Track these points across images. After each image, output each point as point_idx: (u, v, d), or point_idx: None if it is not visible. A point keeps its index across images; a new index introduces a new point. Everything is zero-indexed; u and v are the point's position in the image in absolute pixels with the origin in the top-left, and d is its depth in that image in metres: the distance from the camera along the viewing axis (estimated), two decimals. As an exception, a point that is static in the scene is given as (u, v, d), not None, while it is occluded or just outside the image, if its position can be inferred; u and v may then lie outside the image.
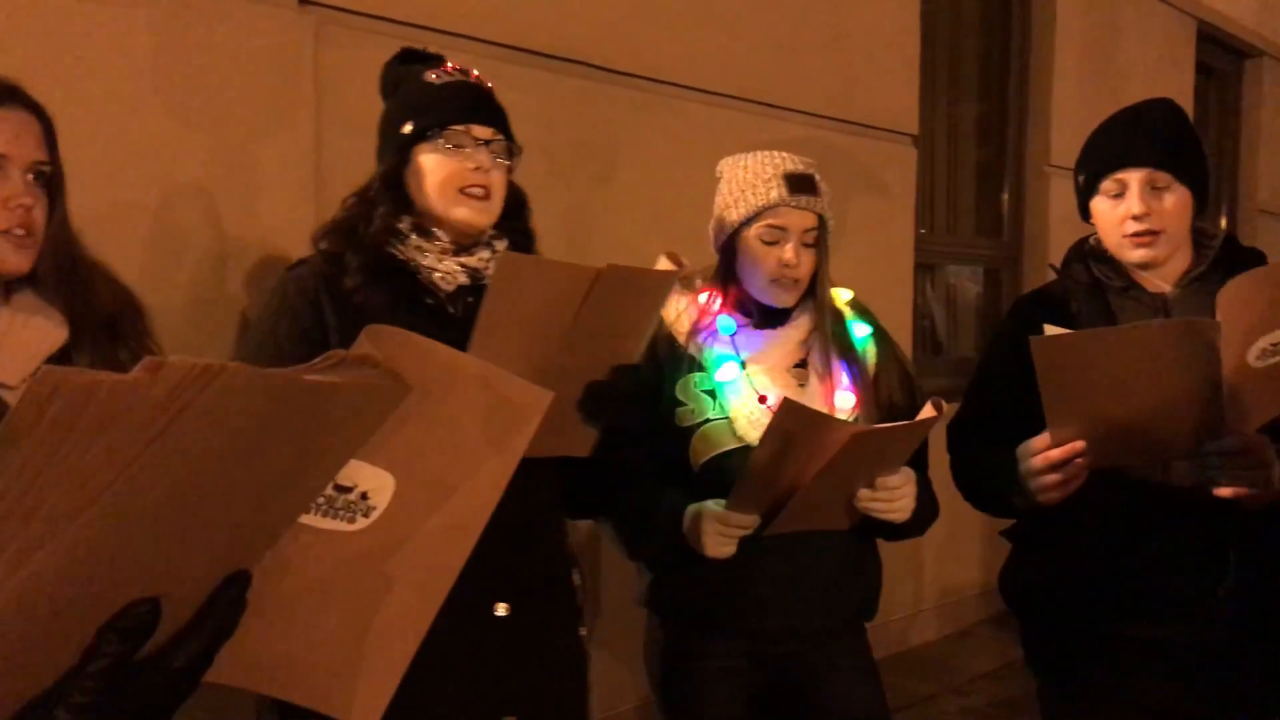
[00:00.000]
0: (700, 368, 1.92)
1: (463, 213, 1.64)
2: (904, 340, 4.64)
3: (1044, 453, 1.61)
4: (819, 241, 1.92)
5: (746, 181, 1.89)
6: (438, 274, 1.65)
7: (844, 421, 1.77)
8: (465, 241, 1.68)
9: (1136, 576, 1.77)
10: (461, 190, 1.64)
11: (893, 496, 1.75)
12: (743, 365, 1.90)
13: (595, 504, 1.82)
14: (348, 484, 0.83)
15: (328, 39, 2.59)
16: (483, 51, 2.96)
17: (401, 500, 0.85)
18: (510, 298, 1.41)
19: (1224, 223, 7.60)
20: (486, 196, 1.66)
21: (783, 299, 1.91)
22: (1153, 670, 1.79)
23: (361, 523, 0.84)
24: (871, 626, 2.31)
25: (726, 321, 1.93)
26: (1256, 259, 1.87)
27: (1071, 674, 1.87)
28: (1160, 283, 1.84)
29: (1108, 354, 1.49)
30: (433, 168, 1.64)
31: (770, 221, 1.87)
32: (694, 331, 1.93)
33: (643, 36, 3.41)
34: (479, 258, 1.68)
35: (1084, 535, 1.79)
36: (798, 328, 1.94)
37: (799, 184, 1.87)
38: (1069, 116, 5.25)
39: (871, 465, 1.71)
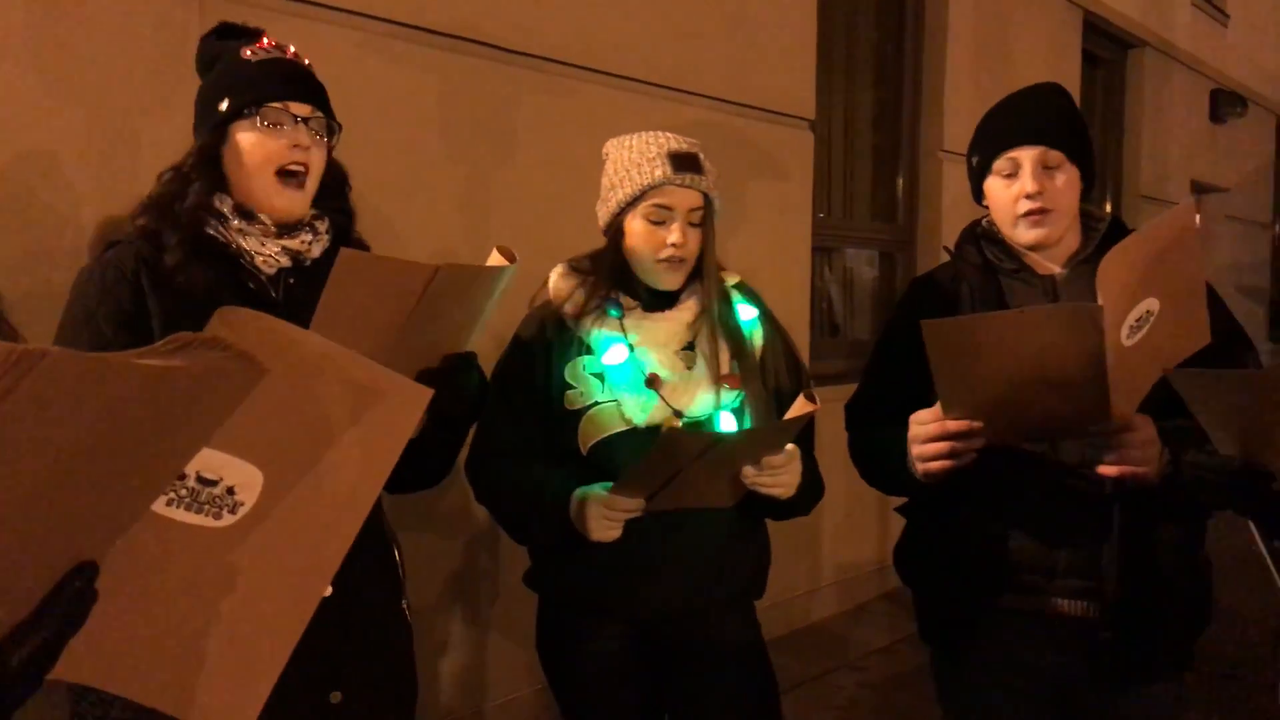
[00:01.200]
0: (588, 350, 1.91)
1: (279, 202, 1.64)
2: (801, 323, 4.70)
3: (941, 421, 1.64)
4: (705, 221, 1.93)
5: (631, 161, 1.89)
6: (260, 257, 1.64)
7: (722, 435, 1.80)
8: (286, 224, 1.66)
9: (1024, 549, 1.82)
10: (279, 170, 1.63)
11: (776, 474, 1.77)
12: (631, 348, 1.90)
13: (415, 482, 1.81)
14: (212, 476, 0.81)
15: (214, 14, 2.51)
16: (377, 29, 2.91)
17: (271, 496, 0.83)
18: (347, 293, 1.40)
19: (1108, 207, 7.86)
20: (302, 180, 1.65)
21: (669, 280, 1.92)
22: (1039, 640, 1.84)
23: (229, 519, 0.82)
24: (770, 604, 2.33)
25: (615, 304, 1.93)
26: None
27: (962, 645, 1.92)
28: (1049, 264, 1.89)
29: (996, 338, 1.53)
30: (250, 146, 1.63)
31: (656, 201, 1.87)
32: (582, 314, 1.92)
33: (541, 17, 3.38)
34: (301, 240, 1.67)
35: (973, 509, 1.83)
36: (685, 310, 1.95)
37: (683, 163, 1.88)
38: (961, 104, 5.37)
39: (751, 452, 1.74)
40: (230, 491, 0.82)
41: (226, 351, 0.73)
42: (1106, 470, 1.63)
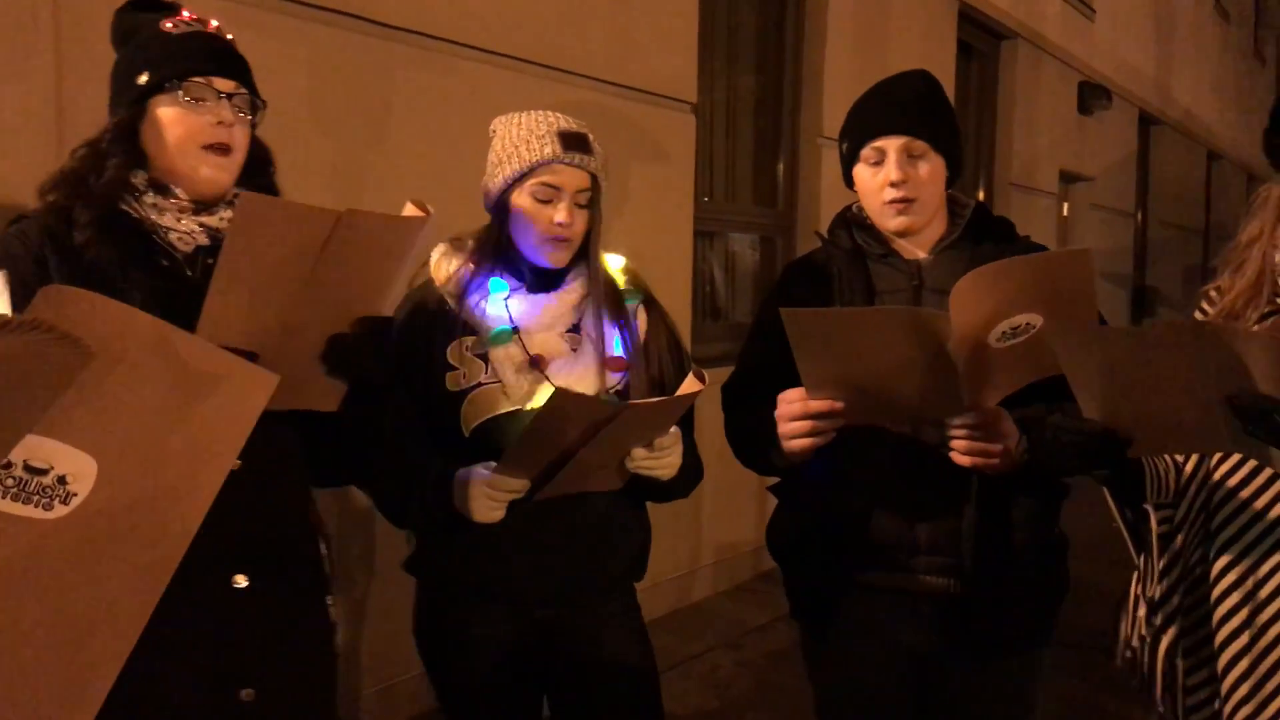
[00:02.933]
0: (472, 331, 1.89)
1: (206, 171, 1.58)
2: (683, 306, 4.73)
3: (803, 401, 1.67)
4: (592, 203, 1.92)
5: (520, 138, 1.87)
6: (175, 234, 1.57)
7: (612, 403, 1.78)
8: (205, 200, 1.60)
9: (887, 527, 1.87)
10: (203, 147, 1.57)
11: (661, 455, 1.79)
12: (515, 329, 1.89)
13: (341, 467, 1.78)
14: (41, 465, 0.77)
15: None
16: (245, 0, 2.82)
17: (106, 485, 0.79)
18: (250, 241, 1.35)
19: (980, 195, 8.10)
20: (228, 153, 1.59)
21: (555, 259, 1.91)
22: (903, 615, 1.89)
23: (60, 510, 0.78)
24: (650, 585, 2.35)
25: (499, 284, 1.91)
26: (1005, 227, 1.99)
27: (829, 621, 1.96)
28: (915, 249, 1.93)
29: (847, 330, 1.58)
30: (171, 121, 1.56)
31: (543, 179, 1.86)
32: (465, 293, 1.90)
33: (419, -9, 3.32)
34: (220, 217, 1.61)
35: (839, 488, 1.87)
36: (571, 292, 1.94)
37: (573, 142, 1.87)
38: (840, 91, 5.45)
39: (639, 433, 1.75)
40: (61, 481, 0.78)
41: (49, 334, 0.69)
42: (960, 460, 1.68)
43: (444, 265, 1.94)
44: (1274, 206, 1.66)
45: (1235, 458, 1.61)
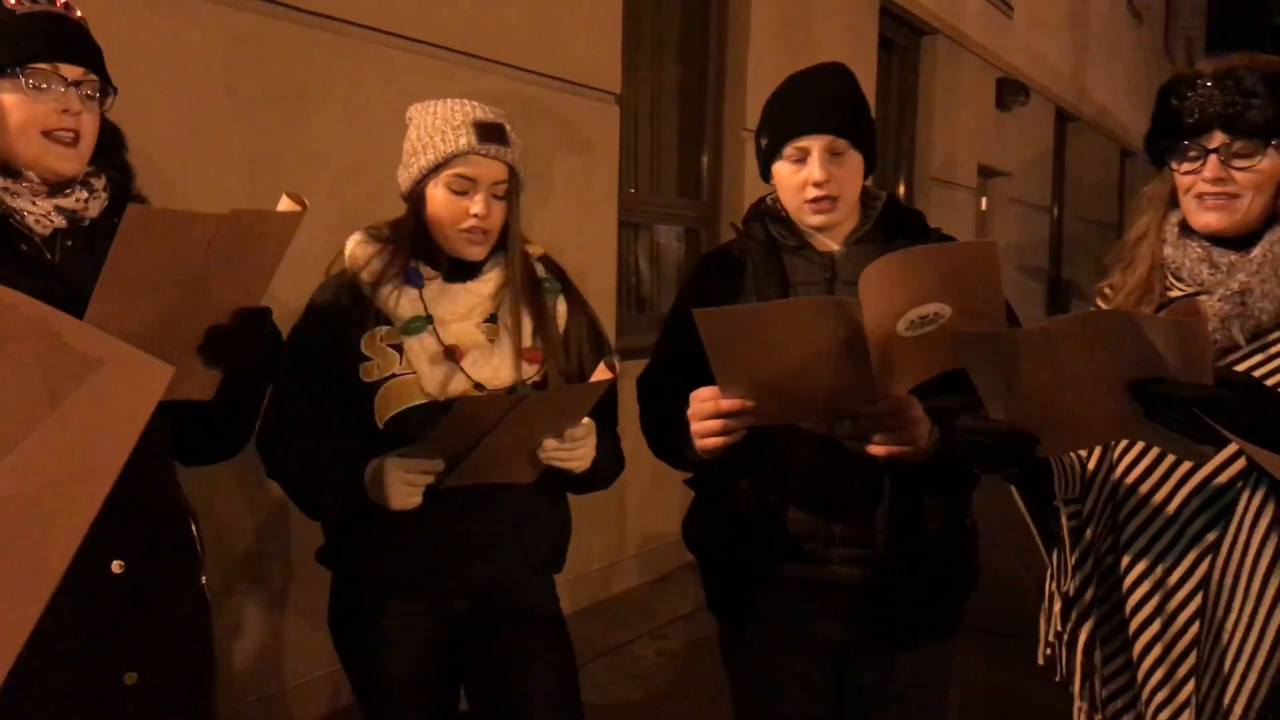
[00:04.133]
0: (386, 321, 1.87)
1: (50, 161, 1.53)
2: (608, 297, 4.73)
3: (714, 400, 1.67)
4: (510, 195, 1.91)
5: (435, 128, 1.85)
6: (31, 217, 1.53)
7: (515, 395, 1.75)
8: (57, 182, 1.56)
9: (802, 520, 1.88)
10: (46, 134, 1.52)
11: (574, 447, 1.78)
12: (430, 319, 1.87)
13: (208, 450, 1.76)
14: None
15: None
16: (154, -19, 2.74)
17: None
18: (134, 251, 1.33)
19: (901, 189, 8.21)
20: (75, 142, 1.54)
21: (471, 251, 1.89)
22: (817, 606, 1.91)
23: None
24: (574, 576, 2.33)
25: (415, 273, 1.89)
26: (916, 219, 2.01)
27: (745, 613, 1.97)
28: (829, 242, 1.94)
29: (763, 325, 1.58)
30: (12, 107, 1.51)
31: (459, 170, 1.84)
32: (380, 283, 1.87)
33: (336, -24, 3.26)
34: (76, 198, 1.57)
35: (754, 482, 1.88)
36: (488, 282, 1.92)
37: (489, 133, 1.85)
38: (764, 84, 5.43)
39: (549, 423, 1.74)
40: None
41: None
42: (875, 449, 1.69)
43: (359, 254, 1.91)
44: (1160, 203, 1.70)
45: (1137, 449, 1.65)
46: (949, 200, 8.71)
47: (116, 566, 1.55)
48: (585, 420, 1.78)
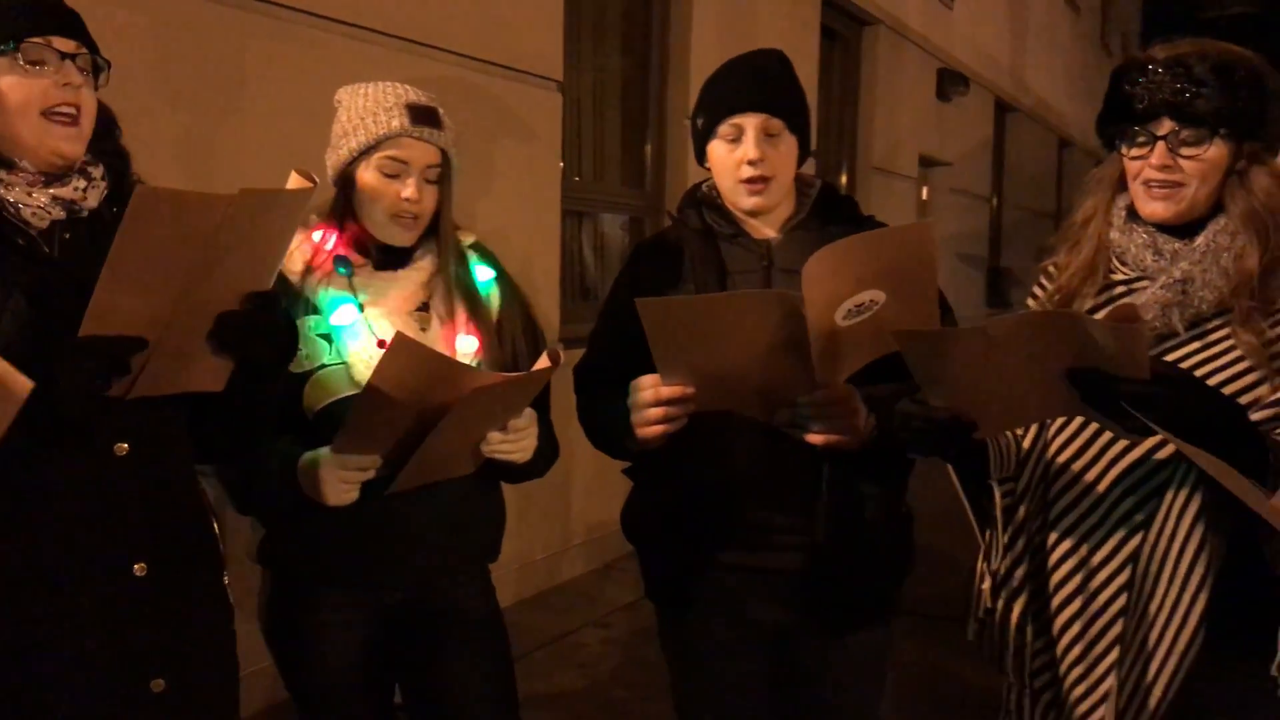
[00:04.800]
0: (315, 310, 1.83)
1: (53, 143, 1.47)
2: (552, 286, 4.72)
3: (655, 389, 1.68)
4: (443, 180, 1.88)
5: (366, 109, 1.82)
6: (27, 209, 1.46)
7: (459, 362, 1.73)
8: (55, 171, 1.50)
9: (742, 507, 1.89)
10: (47, 112, 1.46)
11: (518, 438, 1.77)
12: (361, 308, 1.83)
13: (227, 447, 1.72)
14: None
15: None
16: (82, -38, 2.68)
17: None
18: (141, 234, 1.28)
19: (844, 178, 8.27)
20: (76, 120, 1.48)
21: (402, 237, 1.86)
22: (757, 593, 1.92)
23: None
24: (519, 565, 2.32)
25: (344, 261, 1.86)
26: (849, 206, 2.03)
27: (684, 601, 1.98)
28: (765, 229, 1.94)
29: (706, 316, 1.58)
30: (9, 88, 1.44)
31: (390, 153, 1.81)
32: (308, 271, 1.84)
33: (271, -41, 3.21)
34: (73, 188, 1.50)
35: (694, 470, 1.88)
36: (419, 270, 1.90)
37: (422, 115, 1.82)
38: (707, 72, 5.40)
39: (491, 414, 1.72)
40: None
41: None
42: (813, 438, 1.71)
43: None
44: (1108, 186, 1.72)
45: (1071, 430, 1.67)
46: (890, 190, 8.79)
47: (139, 569, 1.50)
48: (527, 410, 1.77)
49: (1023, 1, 12.89)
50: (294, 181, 1.49)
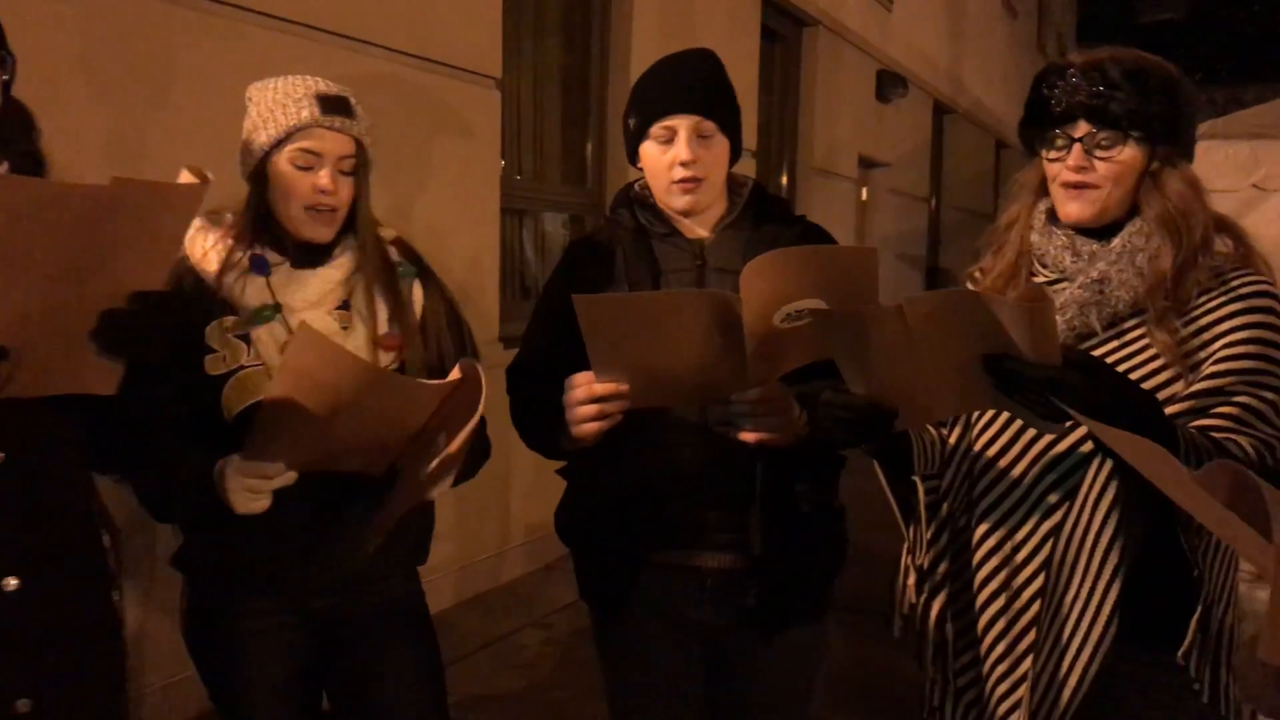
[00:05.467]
0: (233, 310, 1.80)
1: None
2: (491, 284, 4.69)
3: (589, 386, 1.67)
4: (358, 170, 1.85)
5: (276, 102, 1.79)
6: None
7: (363, 360, 1.69)
8: None
9: (675, 507, 1.88)
10: None
11: (450, 473, 1.73)
12: (279, 308, 1.80)
13: (122, 454, 1.65)
14: None
15: None
16: (2, -49, 2.61)
17: None
18: (9, 224, 1.23)
19: (784, 179, 8.32)
20: None
21: (318, 232, 1.83)
22: (691, 592, 1.92)
23: None
24: (459, 566, 2.28)
25: (261, 260, 1.82)
26: (781, 206, 2.04)
27: (618, 601, 1.97)
28: (698, 229, 1.94)
29: (643, 314, 1.59)
30: None
31: (302, 144, 1.78)
32: (224, 270, 1.80)
33: (201, -48, 3.15)
34: None
35: (628, 470, 1.87)
36: (339, 267, 1.87)
37: (332, 105, 1.79)
38: (647, 71, 5.48)
39: (394, 413, 1.68)
40: None
41: None
42: (746, 436, 1.71)
43: (200, 240, 1.82)
44: (1030, 190, 1.75)
45: (995, 427, 1.69)
46: (830, 190, 8.86)
47: (10, 583, 1.43)
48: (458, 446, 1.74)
49: (961, 5, 13.06)
50: (185, 176, 1.44)
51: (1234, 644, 1.59)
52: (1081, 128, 1.61)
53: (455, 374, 1.64)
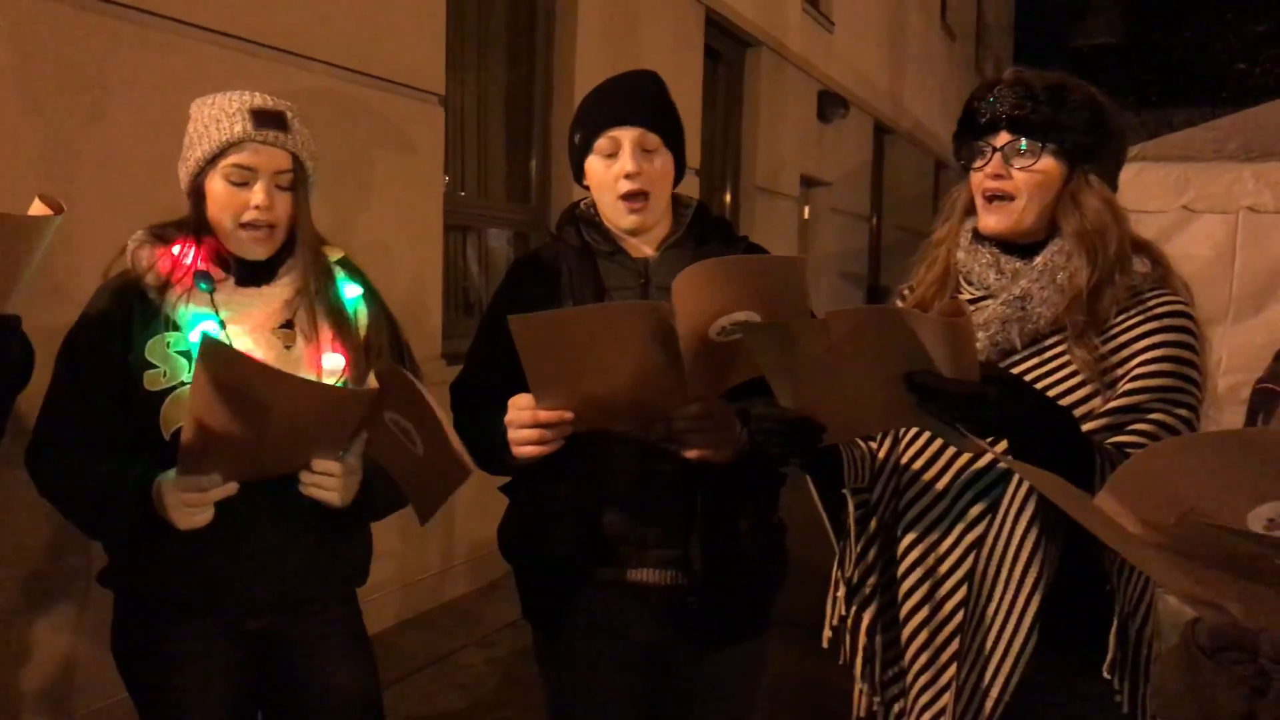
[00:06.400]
0: (175, 327, 1.78)
1: None
2: (434, 301, 4.66)
3: (533, 411, 1.67)
4: (296, 186, 1.84)
5: (211, 117, 1.78)
6: None
7: (272, 367, 1.66)
8: None
9: (616, 524, 1.88)
10: None
11: (327, 485, 1.73)
12: (222, 324, 1.78)
13: None
14: None
15: None
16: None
17: None
18: None
19: (728, 197, 8.38)
20: None
21: (255, 249, 1.82)
22: (632, 609, 1.92)
23: None
24: (402, 585, 2.25)
25: (205, 277, 1.80)
26: (724, 226, 2.05)
27: (559, 619, 1.96)
28: (643, 247, 1.96)
29: (578, 330, 1.58)
30: None
31: (236, 160, 1.77)
32: (167, 286, 1.78)
33: (138, -36, 3.12)
34: None
35: (569, 487, 1.87)
36: (283, 286, 1.85)
37: (267, 119, 1.78)
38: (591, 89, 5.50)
39: (318, 422, 1.67)
40: None
41: None
42: (688, 453, 1.73)
43: (143, 255, 1.81)
44: (960, 209, 1.79)
45: (921, 441, 1.72)
46: (773, 209, 8.94)
47: None
48: (347, 460, 1.73)
49: (901, 27, 13.26)
50: (37, 207, 1.44)
51: (1151, 656, 1.62)
52: (1002, 137, 1.65)
53: (373, 382, 1.63)
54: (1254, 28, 19.68)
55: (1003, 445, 1.54)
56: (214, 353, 1.51)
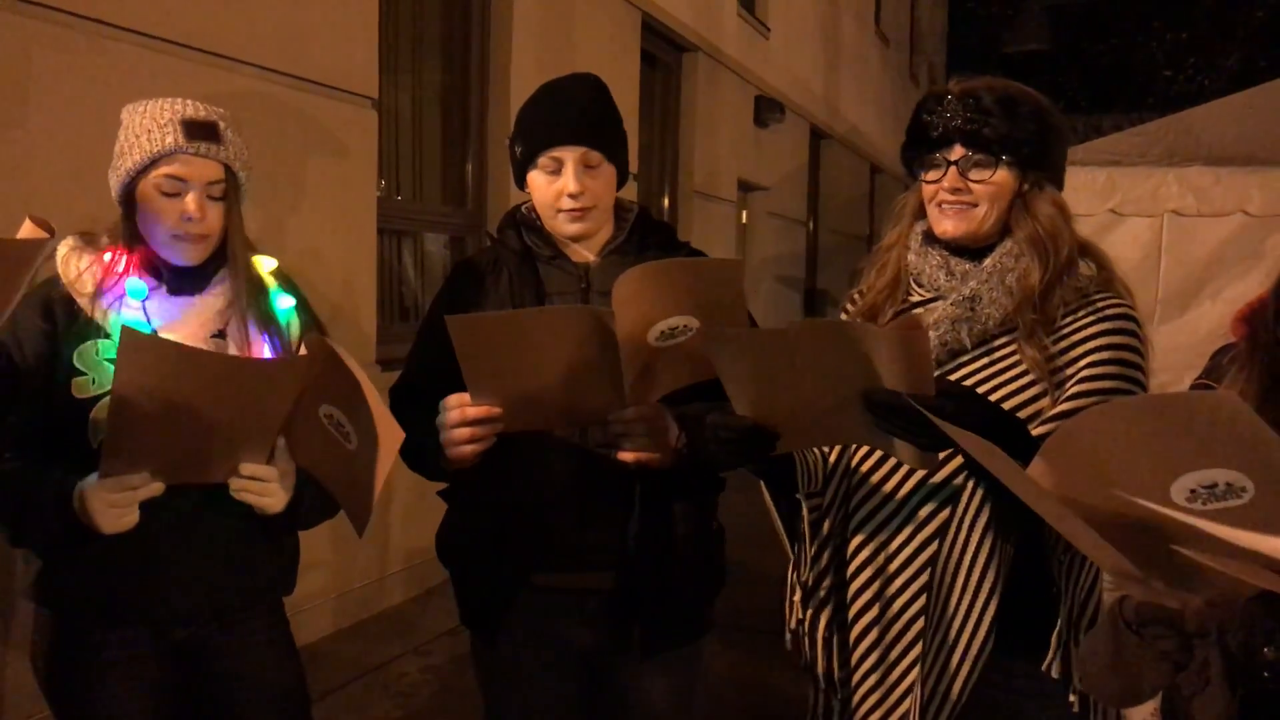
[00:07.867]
0: (105, 335, 1.74)
1: None
2: (368, 306, 4.61)
3: (461, 408, 1.66)
4: (228, 196, 1.81)
5: (142, 127, 1.75)
6: None
7: (198, 349, 1.64)
8: None
9: (555, 528, 1.88)
10: None
11: (261, 490, 1.70)
12: (154, 332, 1.75)
13: None
14: None
15: None
16: None
17: None
18: None
19: (666, 201, 8.40)
20: None
21: (187, 256, 1.79)
22: (567, 615, 1.91)
23: None
24: (337, 594, 2.22)
25: (136, 285, 1.77)
26: (666, 231, 2.06)
27: (497, 625, 1.95)
28: (585, 252, 1.95)
29: (516, 333, 1.58)
30: None
31: (167, 170, 1.74)
32: (98, 294, 1.75)
33: (59, -37, 3.04)
34: None
35: (508, 491, 1.86)
36: (217, 296, 1.83)
37: (198, 130, 1.76)
38: (526, 92, 5.33)
39: (251, 413, 1.64)
40: None
41: None
42: (624, 456, 1.73)
43: (73, 262, 1.78)
44: (909, 214, 1.81)
45: None
46: (711, 213, 8.98)
47: None
48: (280, 465, 1.70)
49: (836, 33, 13.40)
50: (27, 229, 1.40)
51: None
52: (957, 151, 1.67)
53: (304, 351, 1.60)
54: (1178, 36, 20.20)
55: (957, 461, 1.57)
56: (135, 342, 1.48)
